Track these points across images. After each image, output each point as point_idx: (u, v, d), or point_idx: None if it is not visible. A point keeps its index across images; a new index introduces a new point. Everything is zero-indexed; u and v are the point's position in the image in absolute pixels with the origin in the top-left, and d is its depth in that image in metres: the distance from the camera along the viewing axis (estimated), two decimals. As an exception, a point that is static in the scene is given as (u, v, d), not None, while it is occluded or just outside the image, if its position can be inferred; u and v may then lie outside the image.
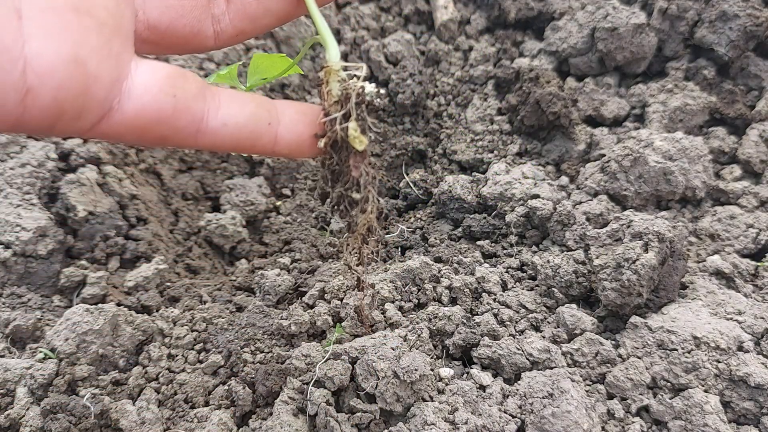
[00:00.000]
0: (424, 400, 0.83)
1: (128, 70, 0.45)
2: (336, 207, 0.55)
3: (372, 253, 0.61)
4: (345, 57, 1.58)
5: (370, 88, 0.52)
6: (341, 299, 1.01)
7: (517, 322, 0.97)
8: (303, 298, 1.04)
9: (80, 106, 0.43)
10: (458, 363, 0.94)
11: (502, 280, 1.04)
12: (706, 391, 0.84)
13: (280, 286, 1.07)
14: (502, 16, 1.52)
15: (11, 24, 0.39)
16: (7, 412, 0.85)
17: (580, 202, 1.15)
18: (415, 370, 0.82)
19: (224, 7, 0.53)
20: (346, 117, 0.51)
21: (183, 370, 0.94)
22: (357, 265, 0.64)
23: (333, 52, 0.52)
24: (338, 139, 0.51)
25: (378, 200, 0.55)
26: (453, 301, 1.01)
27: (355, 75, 0.52)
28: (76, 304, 0.97)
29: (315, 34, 1.62)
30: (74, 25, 0.41)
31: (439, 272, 1.05)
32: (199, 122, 0.48)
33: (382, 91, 0.52)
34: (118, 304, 1.01)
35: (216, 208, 1.32)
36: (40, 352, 0.92)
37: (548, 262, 1.02)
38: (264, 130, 0.51)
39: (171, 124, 0.47)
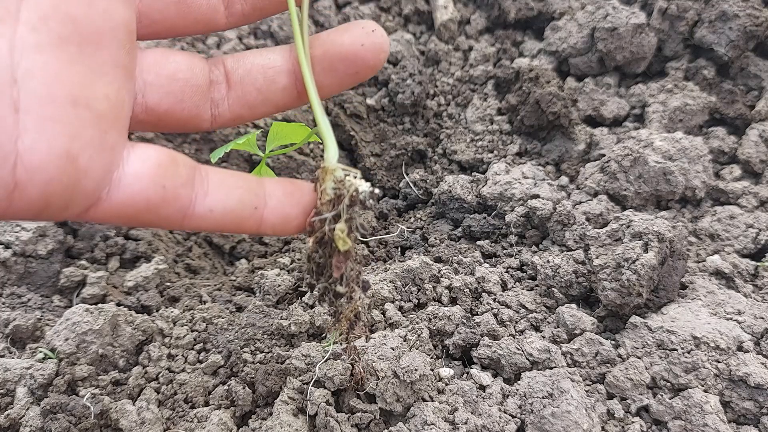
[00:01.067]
0: (424, 400, 0.83)
1: (120, 160, 0.45)
2: (322, 298, 0.56)
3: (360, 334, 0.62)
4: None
5: (364, 187, 0.52)
6: (341, 299, 1.01)
7: (517, 322, 0.97)
8: (303, 298, 1.04)
9: (68, 198, 0.42)
10: (458, 363, 0.94)
11: (502, 280, 1.04)
12: (705, 391, 0.84)
13: (280, 286, 1.07)
14: (502, 16, 1.52)
15: (8, 118, 0.38)
16: (7, 412, 0.85)
17: (580, 202, 1.15)
18: (415, 370, 0.82)
19: (225, 92, 0.52)
20: (336, 218, 0.51)
21: (183, 370, 0.94)
22: (347, 345, 0.66)
23: (331, 152, 0.53)
24: (325, 238, 0.52)
25: (362, 296, 0.56)
26: (453, 301, 1.01)
27: (350, 175, 0.52)
28: (76, 304, 0.97)
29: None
30: (71, 119, 0.41)
31: (439, 272, 1.05)
32: (186, 209, 0.48)
33: (377, 191, 0.53)
34: (118, 304, 1.01)
35: (216, 208, 1.32)
36: (40, 352, 0.92)
37: (548, 262, 1.02)
38: (249, 215, 0.50)
39: (158, 213, 0.47)
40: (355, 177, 0.52)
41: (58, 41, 0.40)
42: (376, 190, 0.53)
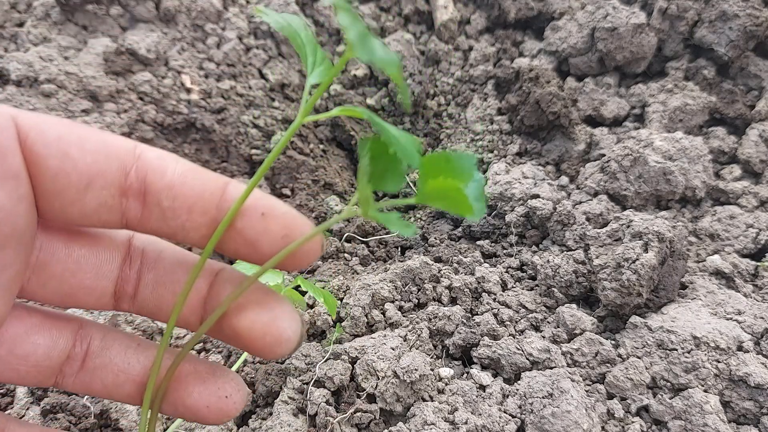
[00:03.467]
0: (424, 400, 0.83)
1: None
2: None
3: None
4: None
5: None
6: (341, 299, 1.01)
7: (517, 322, 0.97)
8: (303, 297, 1.04)
9: None
10: (458, 363, 0.94)
11: (502, 279, 1.04)
12: (705, 391, 0.84)
13: (280, 286, 1.07)
14: (502, 16, 1.52)
15: None
16: (7, 412, 0.85)
17: (580, 202, 1.15)
18: (415, 370, 0.82)
19: (76, 371, 0.52)
20: None
21: (183, 370, 0.94)
22: None
23: None
24: None
25: None
26: (453, 301, 1.01)
27: None
28: (76, 304, 0.97)
29: (315, 34, 1.60)
30: None
31: (439, 272, 1.05)
32: None
33: None
34: (118, 304, 1.01)
35: (216, 208, 1.31)
36: (40, 352, 0.92)
37: (548, 261, 1.02)
38: None
39: None
40: None
41: None
42: None
